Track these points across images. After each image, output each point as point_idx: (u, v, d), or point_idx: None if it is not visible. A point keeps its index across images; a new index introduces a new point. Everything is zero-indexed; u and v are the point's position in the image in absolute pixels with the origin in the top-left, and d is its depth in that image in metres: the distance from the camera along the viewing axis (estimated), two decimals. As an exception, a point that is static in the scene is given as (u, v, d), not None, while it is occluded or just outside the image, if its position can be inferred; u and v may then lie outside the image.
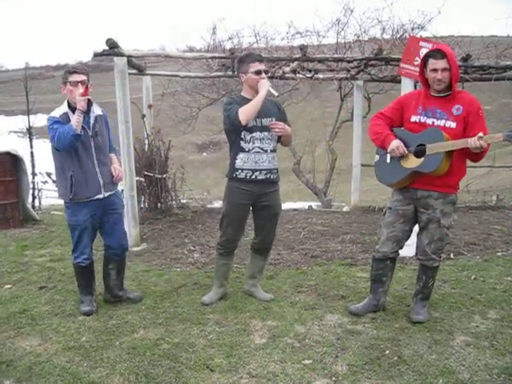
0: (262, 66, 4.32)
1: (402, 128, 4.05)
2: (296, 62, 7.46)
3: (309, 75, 8.09)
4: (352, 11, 9.58)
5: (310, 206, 11.14)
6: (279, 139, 4.53)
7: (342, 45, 9.00)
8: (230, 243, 4.60)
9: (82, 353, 3.66)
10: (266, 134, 4.36)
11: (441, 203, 3.93)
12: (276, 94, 4.37)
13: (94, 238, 4.53)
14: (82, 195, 4.29)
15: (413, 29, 9.18)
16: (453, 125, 3.80)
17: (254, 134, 4.33)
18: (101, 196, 4.35)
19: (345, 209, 10.02)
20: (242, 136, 4.34)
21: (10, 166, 7.98)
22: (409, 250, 4.95)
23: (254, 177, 4.35)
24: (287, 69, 7.69)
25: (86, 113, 4.26)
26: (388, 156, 4.07)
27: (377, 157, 4.26)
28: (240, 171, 4.36)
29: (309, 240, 6.92)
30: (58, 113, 4.26)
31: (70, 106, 4.24)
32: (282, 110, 4.60)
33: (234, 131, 4.32)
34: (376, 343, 3.71)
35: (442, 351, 3.58)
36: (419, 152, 3.87)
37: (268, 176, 4.39)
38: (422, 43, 5.51)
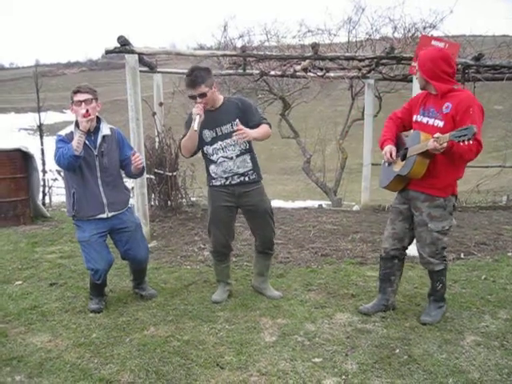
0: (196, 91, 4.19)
1: (409, 131, 4.13)
2: (307, 61, 7.46)
3: (320, 73, 8.08)
4: (363, 10, 9.63)
5: (320, 205, 11.11)
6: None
7: (354, 43, 9.02)
8: (222, 247, 4.58)
9: (92, 349, 3.68)
10: (227, 141, 4.29)
11: (427, 206, 3.90)
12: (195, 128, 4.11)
13: (107, 255, 4.39)
14: (84, 213, 4.29)
15: (424, 28, 9.17)
16: (440, 124, 3.79)
17: (215, 146, 4.33)
18: (104, 215, 4.32)
19: (355, 208, 10.00)
20: (205, 151, 4.38)
21: (21, 163, 8.04)
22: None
23: (228, 183, 4.38)
24: (298, 67, 7.70)
25: (94, 132, 4.25)
26: None
27: (382, 161, 4.30)
28: (215, 180, 4.42)
29: (319, 239, 6.92)
30: (65, 131, 4.25)
31: (77, 125, 4.14)
32: (245, 106, 4.33)
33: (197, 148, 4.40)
34: (386, 342, 3.70)
35: (452, 351, 3.56)
36: (404, 155, 3.93)
37: (242, 179, 4.38)
38: (433, 42, 5.49)
